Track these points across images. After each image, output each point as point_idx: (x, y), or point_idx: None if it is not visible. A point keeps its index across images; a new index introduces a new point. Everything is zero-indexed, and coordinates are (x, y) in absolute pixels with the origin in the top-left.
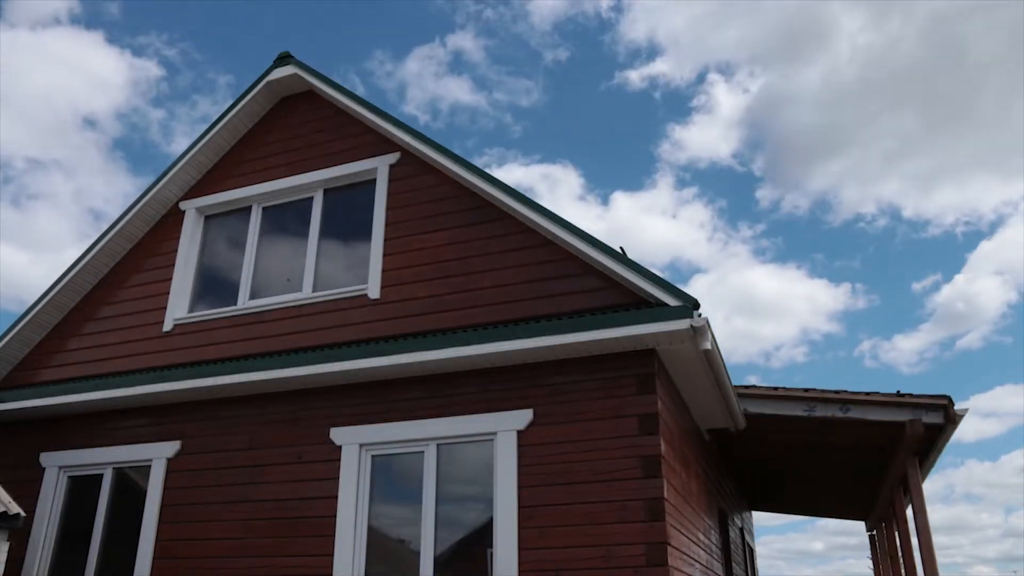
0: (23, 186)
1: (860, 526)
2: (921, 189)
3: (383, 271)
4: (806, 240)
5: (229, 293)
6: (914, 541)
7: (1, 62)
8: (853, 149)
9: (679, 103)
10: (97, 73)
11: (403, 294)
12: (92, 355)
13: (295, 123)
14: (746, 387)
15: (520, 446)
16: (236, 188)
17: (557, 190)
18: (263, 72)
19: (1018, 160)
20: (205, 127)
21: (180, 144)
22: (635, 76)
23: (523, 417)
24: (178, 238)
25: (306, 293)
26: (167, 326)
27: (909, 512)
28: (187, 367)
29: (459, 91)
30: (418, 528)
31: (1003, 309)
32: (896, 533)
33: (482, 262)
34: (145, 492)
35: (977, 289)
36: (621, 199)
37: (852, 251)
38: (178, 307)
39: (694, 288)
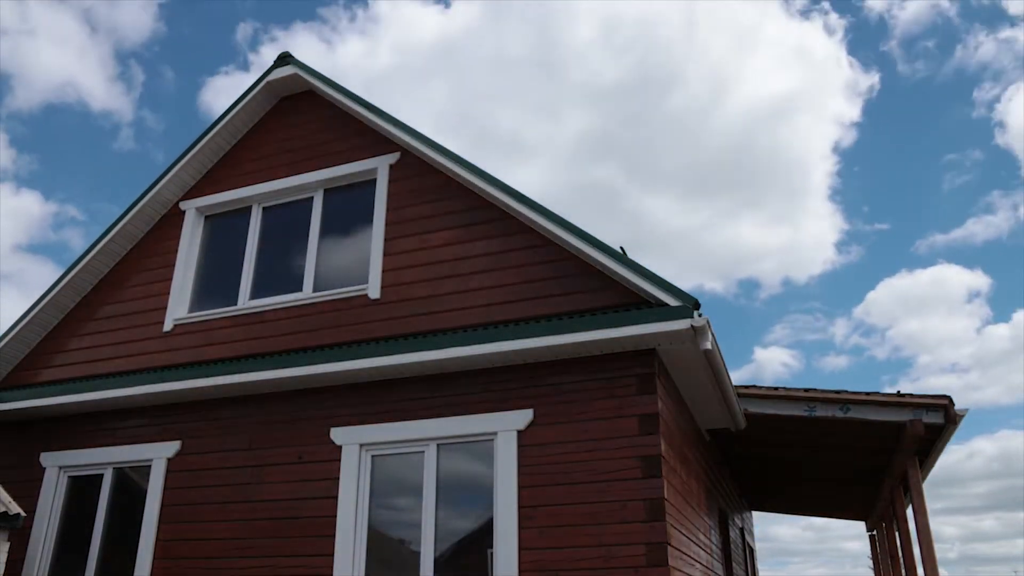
0: None
1: (786, 532)
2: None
3: (383, 271)
4: None
5: (229, 293)
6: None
7: None
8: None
9: None
10: (28, 214)
11: (403, 294)
12: (92, 355)
13: (295, 123)
14: (746, 387)
15: (520, 446)
16: (236, 188)
17: None
18: (263, 72)
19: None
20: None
21: None
22: None
23: (523, 417)
24: (178, 238)
25: (306, 293)
26: (167, 326)
27: (909, 512)
28: (187, 367)
29: None
30: (418, 528)
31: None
32: (896, 533)
33: (482, 262)
34: (145, 492)
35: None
36: None
37: None
38: (178, 307)
39: None
